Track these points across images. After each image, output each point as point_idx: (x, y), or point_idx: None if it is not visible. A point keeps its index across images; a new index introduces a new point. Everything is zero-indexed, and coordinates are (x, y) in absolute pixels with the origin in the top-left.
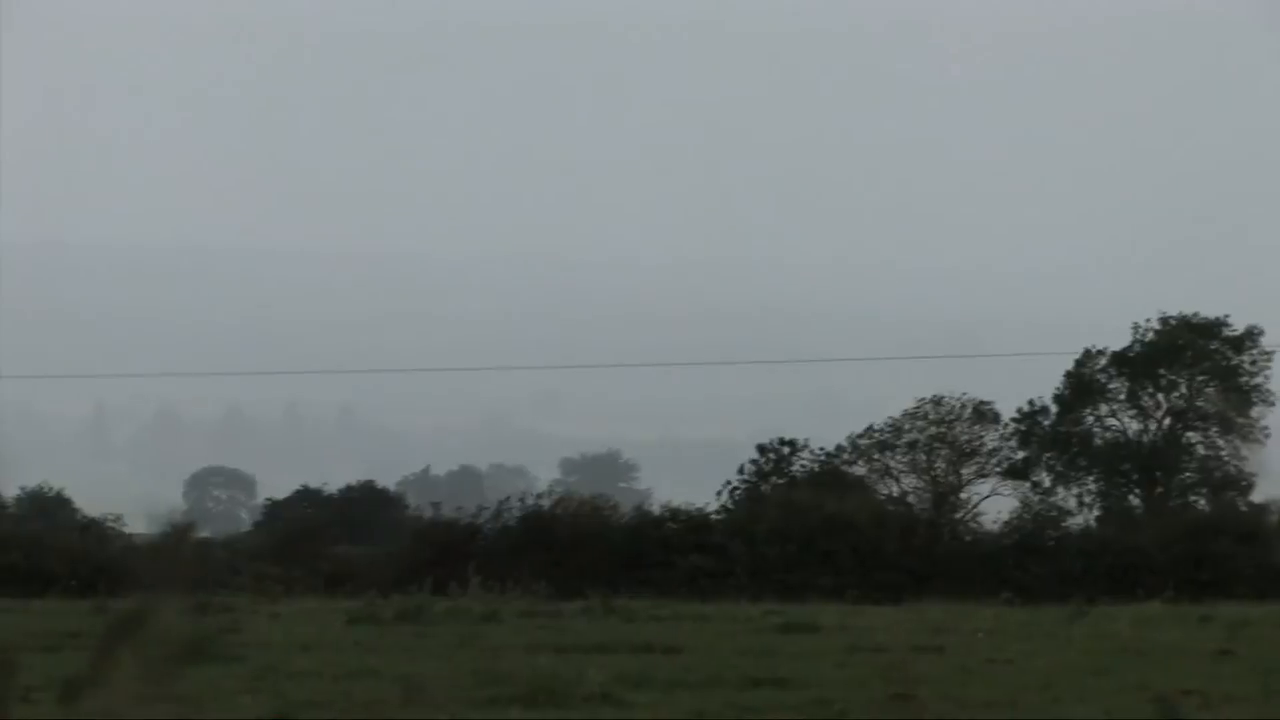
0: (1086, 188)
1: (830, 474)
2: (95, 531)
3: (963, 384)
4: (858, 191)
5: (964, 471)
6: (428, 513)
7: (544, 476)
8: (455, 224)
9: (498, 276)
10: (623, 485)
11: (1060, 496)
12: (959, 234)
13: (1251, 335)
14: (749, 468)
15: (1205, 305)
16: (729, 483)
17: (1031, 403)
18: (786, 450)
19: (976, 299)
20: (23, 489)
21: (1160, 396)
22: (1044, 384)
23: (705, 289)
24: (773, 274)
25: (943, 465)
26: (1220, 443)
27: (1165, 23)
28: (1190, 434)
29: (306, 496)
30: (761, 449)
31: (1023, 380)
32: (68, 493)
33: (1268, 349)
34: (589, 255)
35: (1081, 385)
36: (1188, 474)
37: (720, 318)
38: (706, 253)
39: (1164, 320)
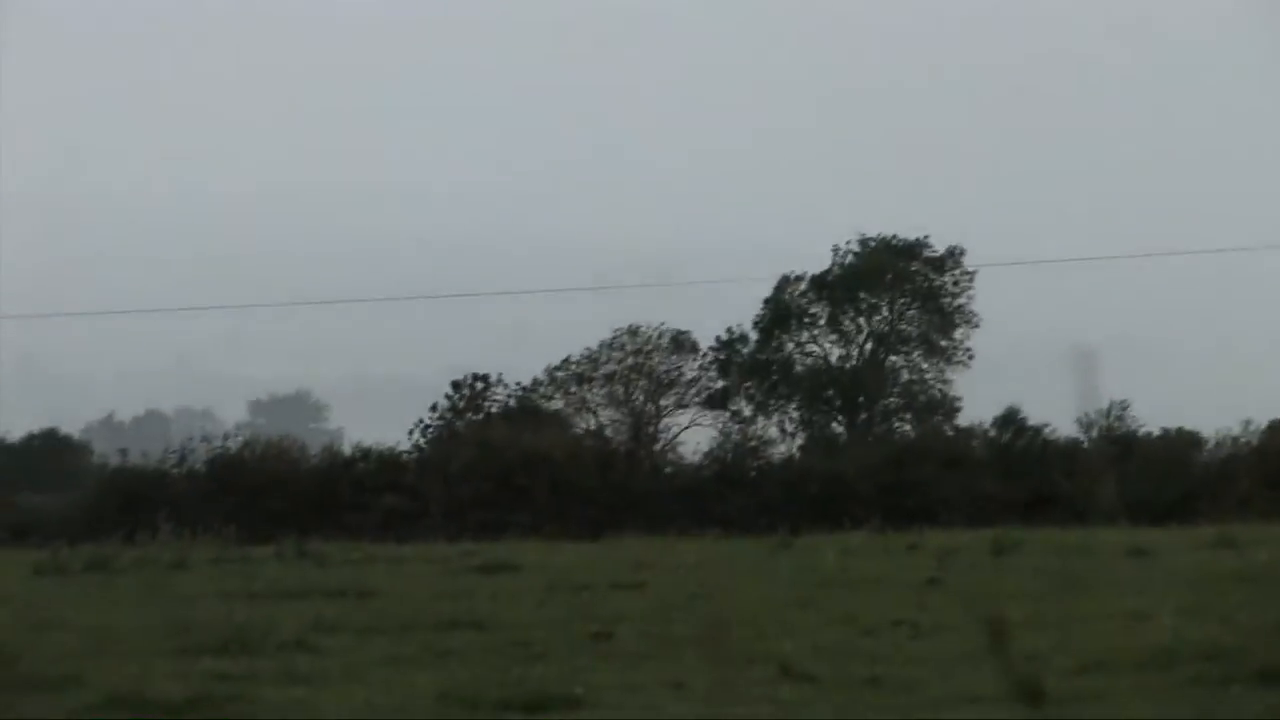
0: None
1: (526, 409)
2: None
3: (660, 313)
4: (535, 116)
5: (662, 402)
6: (114, 460)
7: (232, 419)
8: (134, 160)
9: (178, 217)
10: (313, 426)
11: (761, 425)
12: (640, 157)
13: (953, 255)
14: (443, 404)
15: (905, 227)
16: (422, 421)
17: (730, 330)
18: (481, 386)
19: (671, 225)
20: None
21: (861, 320)
22: (743, 311)
23: (382, 221)
24: (456, 203)
25: (641, 396)
26: (924, 366)
27: None
28: (893, 358)
29: None
30: (456, 385)
31: (721, 308)
32: None
33: (969, 269)
34: (260, 190)
35: (780, 311)
36: (891, 399)
37: (405, 250)
38: (379, 180)
39: (864, 242)
